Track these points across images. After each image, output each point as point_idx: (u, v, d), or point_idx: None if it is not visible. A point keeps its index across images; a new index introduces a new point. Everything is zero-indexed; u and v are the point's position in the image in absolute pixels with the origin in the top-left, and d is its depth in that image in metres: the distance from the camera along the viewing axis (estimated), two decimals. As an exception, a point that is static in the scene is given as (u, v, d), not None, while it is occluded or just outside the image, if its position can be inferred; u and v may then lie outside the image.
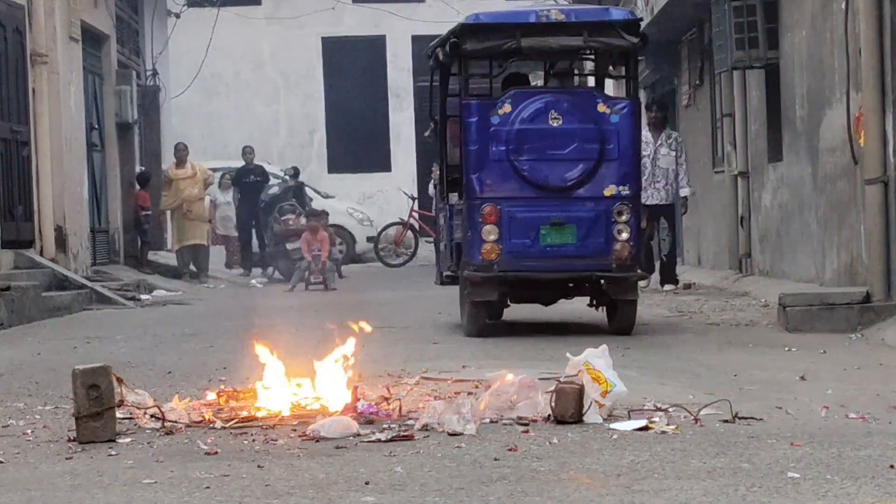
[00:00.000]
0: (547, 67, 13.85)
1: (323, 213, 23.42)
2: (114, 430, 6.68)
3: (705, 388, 8.12)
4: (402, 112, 35.50)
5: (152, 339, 12.48)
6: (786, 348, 10.54)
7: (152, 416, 7.09)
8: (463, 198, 12.18)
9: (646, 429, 6.62)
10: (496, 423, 6.89)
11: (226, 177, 26.65)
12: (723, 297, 16.08)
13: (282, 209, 24.00)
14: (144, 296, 19.10)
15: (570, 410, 6.82)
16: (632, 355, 9.98)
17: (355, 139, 35.06)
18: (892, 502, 4.96)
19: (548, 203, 11.88)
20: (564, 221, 11.85)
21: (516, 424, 6.84)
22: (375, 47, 35.48)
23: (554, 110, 11.92)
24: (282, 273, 23.22)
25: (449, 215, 12.90)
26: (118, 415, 6.84)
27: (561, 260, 11.86)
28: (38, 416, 7.61)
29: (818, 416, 6.99)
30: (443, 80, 13.22)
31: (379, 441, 6.45)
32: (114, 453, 6.35)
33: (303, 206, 24.59)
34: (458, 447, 6.26)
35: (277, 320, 13.66)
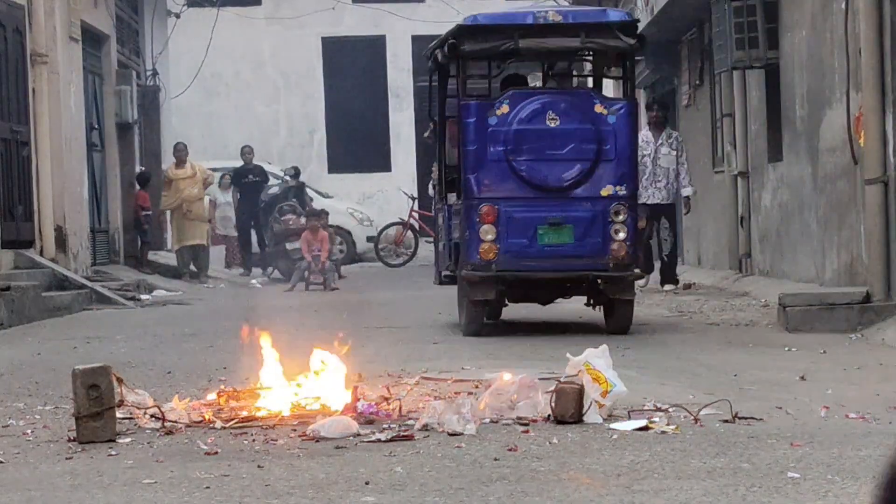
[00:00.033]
0: (545, 68, 13.90)
1: (323, 212, 23.42)
2: (114, 430, 6.68)
3: (705, 388, 8.12)
4: (402, 112, 35.50)
5: (152, 339, 12.48)
6: (786, 348, 10.54)
7: (152, 416, 7.09)
8: (461, 198, 12.21)
9: (646, 429, 6.61)
10: (496, 423, 6.89)
11: (226, 177, 26.65)
12: (723, 297, 16.08)
13: (282, 209, 24.00)
14: (144, 296, 19.10)
15: (570, 410, 6.82)
16: (632, 355, 9.98)
17: (355, 139, 35.06)
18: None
19: (545, 203, 11.93)
20: (562, 221, 11.89)
21: (516, 424, 6.84)
22: (375, 47, 35.47)
23: (551, 111, 11.96)
24: (282, 273, 23.22)
25: (447, 215, 12.95)
26: (118, 415, 6.84)
27: (558, 259, 11.90)
28: (38, 416, 7.61)
29: (818, 416, 6.98)
30: (441, 81, 13.26)
31: (379, 441, 6.45)
32: (114, 453, 6.34)
33: (303, 207, 24.59)
34: (458, 447, 6.26)
35: (277, 320, 13.64)
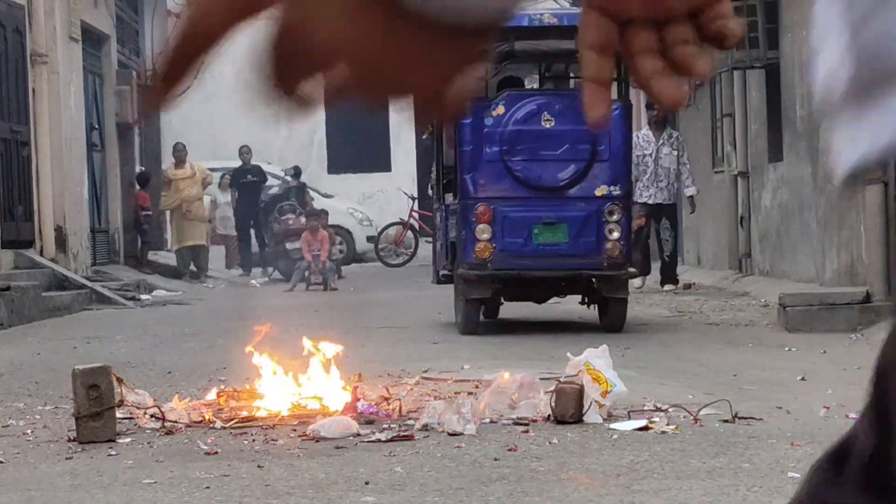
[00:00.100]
0: (542, 70, 14.03)
1: (323, 212, 23.41)
2: (114, 430, 6.68)
3: (705, 388, 8.11)
4: (403, 112, 35.49)
5: (152, 339, 12.48)
6: (786, 348, 10.54)
7: (152, 416, 7.09)
8: (457, 197, 12.33)
9: (645, 429, 6.62)
10: (496, 423, 6.89)
11: (226, 177, 26.65)
12: (723, 297, 16.08)
13: (282, 209, 24.00)
14: (144, 296, 19.10)
15: (570, 410, 6.82)
16: (632, 355, 9.98)
17: (355, 139, 35.07)
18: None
19: (540, 203, 12.05)
20: (557, 221, 12.01)
21: (516, 424, 6.84)
22: (375, 47, 35.50)
23: (546, 112, 12.08)
24: (282, 273, 23.21)
25: (444, 215, 13.09)
26: (118, 415, 6.84)
27: (553, 258, 12.02)
28: (38, 416, 7.61)
29: (818, 416, 6.98)
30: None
31: (379, 441, 6.45)
32: (114, 453, 6.35)
33: (303, 207, 24.59)
34: (458, 447, 6.26)
35: (276, 321, 13.63)
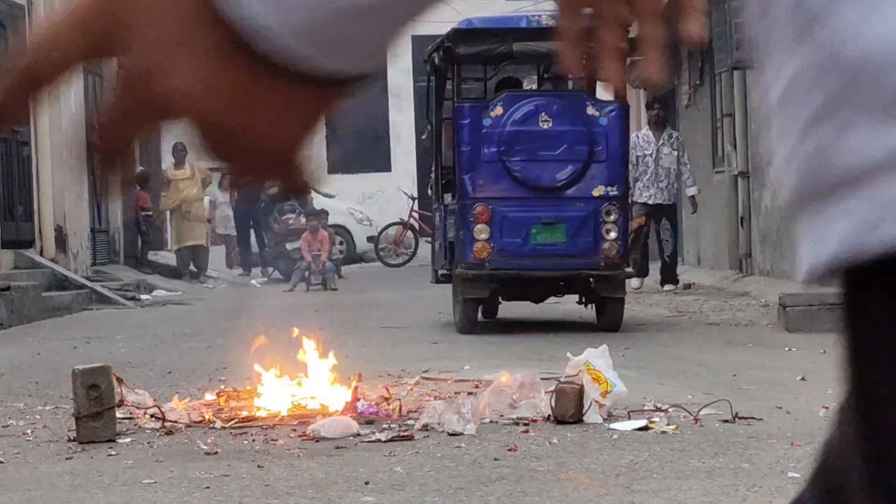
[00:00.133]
0: (540, 71, 14.09)
1: (323, 212, 23.41)
2: (114, 430, 6.68)
3: (705, 388, 8.11)
4: (402, 112, 35.51)
5: (152, 339, 12.48)
6: (786, 348, 10.54)
7: (152, 416, 7.09)
8: (456, 198, 12.38)
9: (645, 429, 6.62)
10: (496, 423, 6.90)
11: (226, 177, 26.62)
12: (723, 297, 16.08)
13: (282, 209, 23.99)
14: (144, 296, 19.10)
15: (570, 410, 6.82)
16: (632, 355, 9.98)
17: (355, 139, 35.07)
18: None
19: (538, 203, 12.11)
20: (554, 221, 12.07)
21: (516, 424, 6.84)
22: (375, 47, 35.50)
23: (544, 113, 12.15)
24: (282, 273, 23.20)
25: (443, 215, 13.15)
26: (118, 415, 6.84)
27: (551, 258, 12.08)
28: (38, 416, 7.61)
29: (818, 416, 6.98)
30: (438, 84, 13.42)
31: (379, 441, 6.45)
32: (114, 453, 6.35)
33: (304, 206, 24.58)
34: (457, 447, 6.26)
35: (276, 321, 13.64)
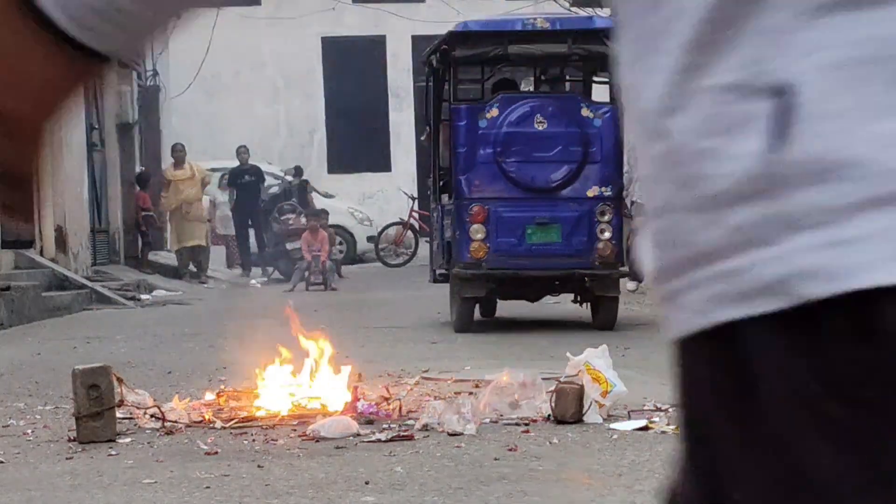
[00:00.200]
0: (537, 73, 14.24)
1: (323, 212, 23.41)
2: (114, 430, 6.69)
3: (705, 388, 8.10)
4: (402, 112, 35.49)
5: (152, 339, 12.49)
6: (786, 348, 10.53)
7: (152, 416, 7.10)
8: (452, 198, 12.46)
9: (646, 429, 6.62)
10: (496, 423, 6.90)
11: (226, 177, 26.65)
12: (723, 297, 16.07)
13: (282, 209, 24.00)
14: (144, 296, 19.10)
15: (570, 410, 6.83)
16: (632, 355, 9.98)
17: (355, 139, 35.05)
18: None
19: (534, 203, 12.22)
20: (549, 221, 12.18)
21: (516, 424, 6.84)
22: (375, 47, 35.48)
23: (539, 114, 12.26)
24: (282, 273, 23.20)
25: (440, 215, 13.25)
26: (118, 415, 6.84)
27: (546, 258, 12.18)
28: (38, 416, 7.61)
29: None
30: (437, 86, 13.49)
31: (379, 441, 6.45)
32: (114, 453, 6.35)
33: (305, 206, 24.58)
34: (457, 447, 6.26)
35: (276, 321, 13.65)
